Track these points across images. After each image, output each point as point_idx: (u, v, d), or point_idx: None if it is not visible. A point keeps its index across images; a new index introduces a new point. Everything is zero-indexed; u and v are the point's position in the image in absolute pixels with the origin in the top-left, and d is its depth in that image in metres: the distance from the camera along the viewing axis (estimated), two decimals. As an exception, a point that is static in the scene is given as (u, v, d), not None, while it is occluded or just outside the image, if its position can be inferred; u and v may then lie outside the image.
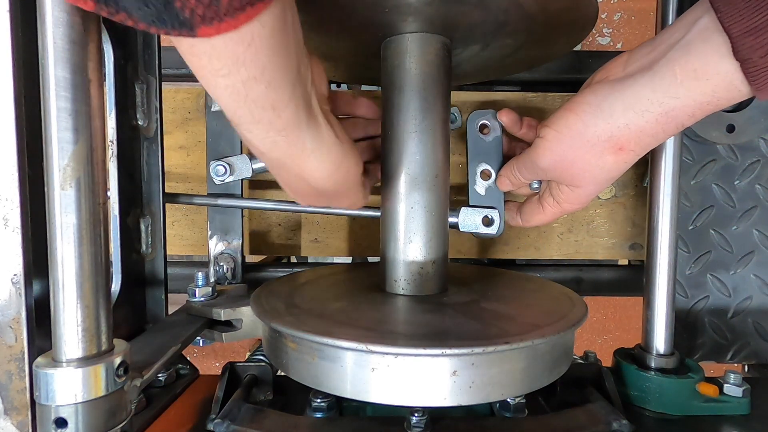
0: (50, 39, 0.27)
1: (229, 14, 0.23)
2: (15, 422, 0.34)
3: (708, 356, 0.62)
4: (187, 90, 0.66)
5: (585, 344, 1.76)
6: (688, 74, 0.33)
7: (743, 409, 0.44)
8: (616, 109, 0.36)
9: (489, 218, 0.51)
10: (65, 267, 0.29)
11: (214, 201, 0.58)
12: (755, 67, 0.30)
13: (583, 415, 0.40)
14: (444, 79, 0.43)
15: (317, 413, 0.41)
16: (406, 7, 0.37)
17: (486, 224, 0.51)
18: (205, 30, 0.23)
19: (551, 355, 0.37)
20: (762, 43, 0.29)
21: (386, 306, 0.42)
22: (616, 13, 1.79)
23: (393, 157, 0.43)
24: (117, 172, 0.45)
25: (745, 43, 0.30)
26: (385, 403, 0.34)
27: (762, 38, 0.29)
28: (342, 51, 0.47)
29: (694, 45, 0.32)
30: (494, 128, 0.50)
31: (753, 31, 0.29)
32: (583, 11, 0.39)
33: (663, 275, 0.47)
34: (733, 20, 0.30)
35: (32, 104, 0.33)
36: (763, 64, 0.30)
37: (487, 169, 0.50)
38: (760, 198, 0.62)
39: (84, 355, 0.30)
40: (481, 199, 0.51)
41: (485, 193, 0.51)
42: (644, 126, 0.36)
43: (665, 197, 0.47)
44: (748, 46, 0.30)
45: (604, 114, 0.37)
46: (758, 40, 0.29)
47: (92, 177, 0.29)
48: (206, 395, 0.45)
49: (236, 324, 0.46)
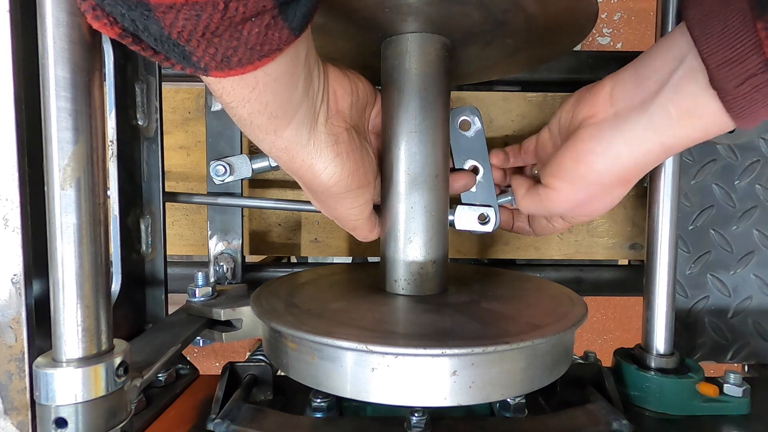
0: (50, 39, 0.27)
1: (239, 66, 0.26)
2: (15, 422, 0.34)
3: (708, 356, 0.62)
4: (187, 90, 0.66)
5: (585, 344, 1.76)
6: (682, 114, 0.35)
7: (743, 409, 0.44)
8: (622, 153, 0.38)
9: (485, 216, 0.51)
10: (65, 267, 0.29)
11: (214, 200, 0.58)
12: (730, 96, 0.32)
13: (583, 415, 0.40)
14: (444, 79, 0.43)
15: (317, 413, 0.41)
16: (406, 7, 0.37)
17: (482, 222, 0.51)
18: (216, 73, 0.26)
19: (551, 355, 0.37)
20: (736, 74, 0.31)
21: (386, 306, 0.42)
22: (616, 13, 1.79)
23: (393, 157, 0.43)
24: (117, 172, 0.45)
25: (721, 74, 0.32)
26: (385, 403, 0.34)
27: (736, 69, 0.31)
28: (342, 51, 0.47)
29: (685, 85, 0.34)
30: (474, 123, 0.51)
31: (728, 62, 0.31)
32: (583, 11, 0.39)
33: (663, 275, 0.47)
34: (710, 52, 0.32)
35: (32, 104, 0.33)
36: (737, 93, 0.32)
37: (475, 165, 0.51)
38: (760, 198, 0.62)
39: (84, 355, 0.30)
40: (473, 196, 0.51)
41: (476, 189, 0.51)
42: (648, 161, 0.39)
43: (665, 197, 0.47)
44: (723, 77, 0.32)
45: (613, 159, 0.39)
46: (733, 71, 0.31)
47: (92, 177, 0.29)
48: (206, 395, 0.45)
49: (236, 324, 0.46)
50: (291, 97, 0.32)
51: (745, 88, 0.32)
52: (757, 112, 0.33)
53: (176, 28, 0.23)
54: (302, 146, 0.36)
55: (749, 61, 0.31)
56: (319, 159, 0.37)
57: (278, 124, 0.33)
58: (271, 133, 0.34)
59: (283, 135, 0.34)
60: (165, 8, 0.22)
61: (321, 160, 0.37)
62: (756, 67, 0.31)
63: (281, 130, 0.34)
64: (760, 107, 0.32)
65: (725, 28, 0.31)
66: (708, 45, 0.32)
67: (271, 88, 0.30)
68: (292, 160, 0.37)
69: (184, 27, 0.23)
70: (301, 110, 0.34)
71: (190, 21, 0.22)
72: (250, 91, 0.30)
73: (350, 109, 0.40)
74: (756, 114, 0.33)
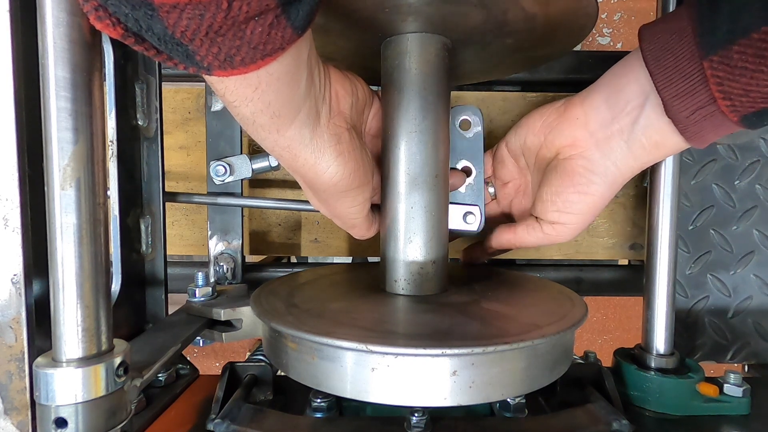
0: (50, 39, 0.27)
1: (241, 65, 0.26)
2: (15, 422, 0.34)
3: (708, 356, 0.62)
4: (187, 90, 0.66)
5: (585, 344, 1.76)
6: (652, 146, 0.41)
7: (743, 409, 0.44)
8: (615, 176, 0.44)
9: (469, 215, 0.50)
10: (65, 267, 0.29)
11: (214, 200, 0.58)
12: (682, 125, 0.38)
13: (583, 415, 0.40)
14: (444, 79, 0.43)
15: (317, 413, 0.41)
16: (406, 7, 0.37)
17: (466, 221, 0.51)
18: (219, 72, 0.27)
19: (551, 355, 0.37)
20: (687, 105, 0.37)
21: (386, 306, 0.42)
22: (616, 13, 1.79)
23: (393, 157, 0.43)
24: (117, 172, 0.45)
25: (675, 105, 0.37)
26: (385, 403, 0.34)
27: (687, 101, 0.37)
28: (342, 51, 0.47)
29: (653, 123, 0.40)
30: (475, 124, 0.50)
31: (679, 95, 0.37)
32: (584, 11, 0.39)
33: (663, 275, 0.47)
34: (665, 86, 0.37)
35: (32, 104, 0.33)
36: (688, 122, 0.38)
37: (467, 166, 0.50)
38: (760, 198, 0.62)
39: (84, 355, 0.30)
40: (461, 197, 0.51)
41: (465, 189, 0.51)
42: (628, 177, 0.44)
43: (665, 197, 0.47)
44: (676, 108, 0.37)
45: (610, 183, 0.44)
46: (684, 104, 0.37)
47: (92, 177, 0.29)
48: (206, 395, 0.45)
49: (236, 324, 0.46)
50: (293, 96, 0.33)
51: (695, 117, 0.37)
52: (707, 135, 0.38)
53: (180, 27, 0.23)
54: (305, 145, 0.36)
55: (698, 95, 0.36)
56: (322, 158, 0.37)
57: (281, 124, 0.34)
58: (273, 132, 0.34)
59: (285, 134, 0.35)
60: (169, 8, 0.22)
61: (323, 159, 0.37)
62: (704, 100, 0.36)
63: (284, 129, 0.34)
64: (709, 132, 0.38)
65: (676, 65, 0.36)
66: (663, 80, 0.37)
67: (274, 88, 0.30)
68: (295, 159, 0.37)
69: (187, 26, 0.23)
70: (303, 109, 0.34)
71: (193, 20, 0.22)
72: (252, 90, 0.30)
73: (350, 110, 0.40)
74: (705, 137, 0.38)
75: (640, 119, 0.41)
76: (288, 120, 0.34)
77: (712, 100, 0.35)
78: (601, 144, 0.43)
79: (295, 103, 0.33)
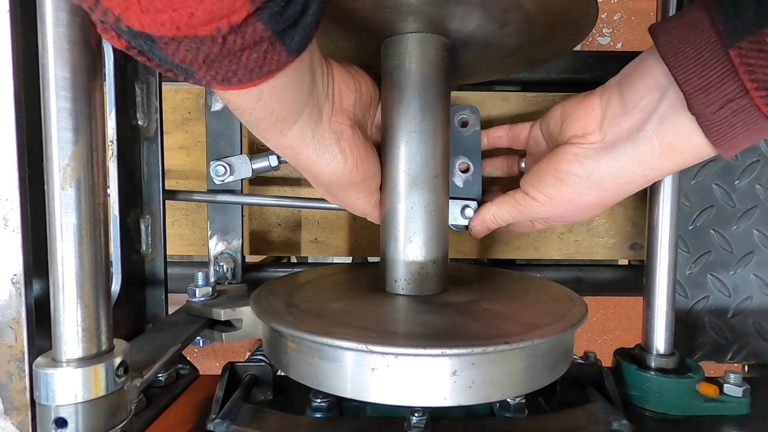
0: (50, 39, 0.27)
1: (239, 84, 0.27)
2: (15, 422, 0.34)
3: (708, 356, 0.62)
4: (187, 90, 0.66)
5: (585, 344, 1.76)
6: (665, 148, 0.36)
7: (743, 409, 0.44)
8: (605, 181, 0.40)
9: (467, 208, 0.51)
10: (65, 267, 0.29)
11: (213, 197, 0.58)
12: (709, 122, 0.33)
13: (583, 415, 0.40)
14: (444, 79, 0.43)
15: (317, 413, 0.41)
16: (406, 7, 0.37)
17: (464, 215, 0.51)
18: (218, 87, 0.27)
19: (551, 355, 0.37)
20: (714, 99, 0.32)
21: (386, 306, 0.42)
22: (616, 13, 1.79)
23: (393, 157, 0.43)
24: (117, 172, 0.45)
25: (699, 100, 0.32)
26: (385, 403, 0.34)
27: (713, 95, 0.32)
28: (342, 51, 0.47)
29: (668, 117, 0.35)
30: (473, 123, 0.51)
31: (704, 88, 0.32)
32: (584, 11, 0.39)
33: (663, 275, 0.47)
34: (686, 78, 0.33)
35: (32, 104, 0.33)
36: (716, 119, 0.33)
37: (465, 162, 0.51)
38: (760, 198, 0.62)
39: (84, 355, 0.30)
40: (459, 192, 0.52)
41: (463, 185, 0.51)
42: (628, 190, 0.41)
43: (665, 197, 0.47)
44: (701, 102, 0.32)
45: (594, 185, 0.40)
46: (710, 97, 0.32)
47: (92, 177, 0.29)
48: (206, 395, 0.45)
49: (236, 324, 0.46)
50: (296, 100, 0.33)
51: (723, 113, 0.32)
52: (736, 138, 0.33)
53: (178, 56, 0.24)
54: (306, 144, 0.37)
55: (726, 86, 0.31)
56: (323, 155, 0.38)
57: (284, 126, 0.34)
58: (277, 133, 0.35)
59: (288, 134, 0.35)
60: (167, 40, 0.22)
61: (325, 156, 0.38)
62: (734, 92, 0.31)
63: (287, 130, 0.35)
64: (739, 132, 0.33)
65: (698, 56, 0.32)
66: (684, 72, 0.33)
67: (277, 97, 0.31)
68: (297, 156, 0.38)
69: (185, 56, 0.24)
70: (306, 111, 0.35)
71: (190, 52, 0.23)
72: (255, 101, 0.31)
73: (354, 106, 0.40)
74: (735, 140, 0.33)
75: (653, 116, 0.36)
76: (291, 122, 0.34)
77: (743, 92, 0.31)
78: (606, 144, 0.39)
79: (298, 106, 0.34)
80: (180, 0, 0.20)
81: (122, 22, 0.21)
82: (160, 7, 0.20)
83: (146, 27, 0.21)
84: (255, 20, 0.23)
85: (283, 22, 0.24)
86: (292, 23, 0.25)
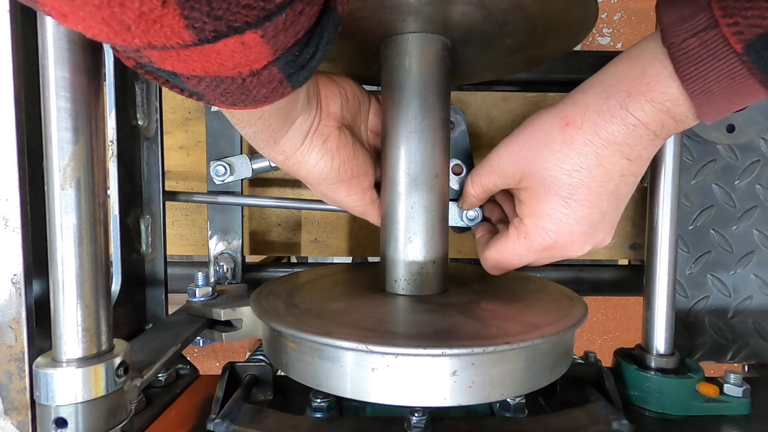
0: (50, 39, 0.27)
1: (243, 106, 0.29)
2: (15, 422, 0.34)
3: (708, 356, 0.62)
4: (187, 90, 0.66)
5: (585, 344, 1.76)
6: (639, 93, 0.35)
7: (743, 409, 0.44)
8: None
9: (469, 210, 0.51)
10: (65, 267, 0.29)
11: (214, 198, 0.58)
12: (680, 51, 0.32)
13: (583, 415, 0.40)
14: (444, 79, 0.43)
15: (317, 413, 0.41)
16: (406, 7, 0.37)
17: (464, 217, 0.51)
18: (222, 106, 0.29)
19: (551, 355, 0.37)
20: (687, 29, 0.32)
21: (386, 306, 0.42)
22: (616, 13, 1.79)
23: (393, 157, 0.43)
24: (117, 172, 0.45)
25: (672, 30, 0.32)
26: (385, 403, 0.34)
27: (686, 25, 0.32)
28: (342, 51, 0.47)
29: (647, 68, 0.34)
30: (459, 123, 0.52)
31: (678, 20, 0.32)
32: (584, 11, 0.39)
33: (663, 275, 0.47)
34: (666, 12, 0.33)
35: (32, 104, 0.33)
36: (686, 48, 0.32)
37: (459, 165, 0.51)
38: (760, 198, 0.62)
39: (84, 355, 0.30)
40: (455, 194, 0.52)
41: (459, 187, 0.51)
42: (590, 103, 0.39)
43: (665, 197, 0.47)
44: (673, 32, 0.32)
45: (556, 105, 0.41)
46: (684, 27, 0.32)
47: (92, 177, 0.29)
48: (206, 395, 0.45)
49: (236, 324, 0.46)
50: (290, 114, 0.37)
51: (693, 43, 0.31)
52: (708, 81, 0.32)
53: (198, 89, 0.26)
54: (296, 148, 0.40)
55: (700, 18, 0.31)
56: (310, 156, 0.41)
57: (278, 137, 0.38)
58: (271, 142, 0.38)
59: (280, 141, 0.39)
60: (190, 76, 0.24)
61: (311, 157, 0.41)
62: (704, 22, 0.31)
63: (280, 139, 0.39)
64: (709, 71, 0.31)
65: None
66: (666, 6, 0.33)
67: (275, 115, 0.35)
68: (287, 160, 0.41)
69: (205, 90, 0.26)
70: (297, 121, 0.39)
71: (210, 87, 0.25)
72: (257, 118, 0.35)
73: (341, 110, 0.42)
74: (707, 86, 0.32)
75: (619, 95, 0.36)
76: (284, 132, 0.38)
77: (713, 23, 0.30)
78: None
79: (291, 119, 0.38)
80: (215, 54, 0.22)
81: (155, 64, 0.23)
82: (196, 59, 0.22)
83: (177, 70, 0.23)
84: (272, 66, 0.25)
85: (295, 67, 0.26)
86: (302, 67, 0.27)
